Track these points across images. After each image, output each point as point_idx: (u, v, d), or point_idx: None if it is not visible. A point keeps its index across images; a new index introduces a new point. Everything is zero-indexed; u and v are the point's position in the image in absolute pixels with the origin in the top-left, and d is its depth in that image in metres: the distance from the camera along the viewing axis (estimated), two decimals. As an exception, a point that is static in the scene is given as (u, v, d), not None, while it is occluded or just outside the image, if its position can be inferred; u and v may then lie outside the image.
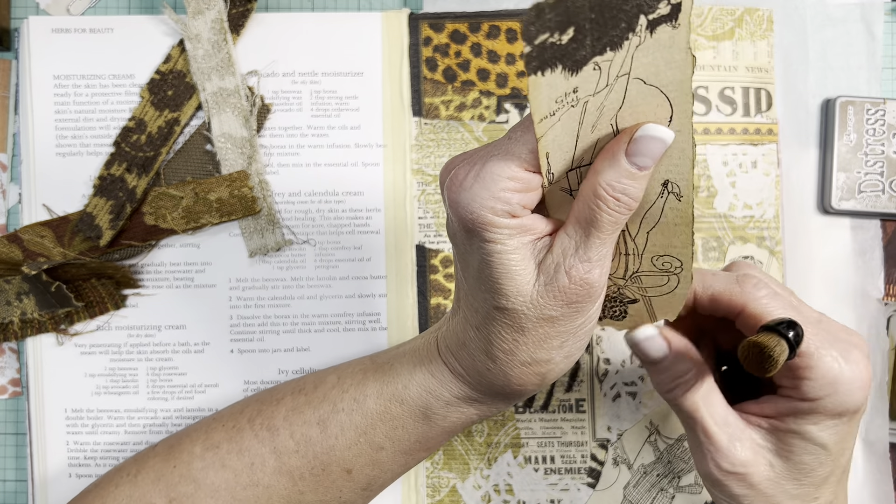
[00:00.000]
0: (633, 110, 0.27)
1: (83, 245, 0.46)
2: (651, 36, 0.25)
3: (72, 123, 0.46)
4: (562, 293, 0.30)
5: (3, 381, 0.47)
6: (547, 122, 0.27)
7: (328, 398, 0.38)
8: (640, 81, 0.27)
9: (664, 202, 0.30)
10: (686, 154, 0.28)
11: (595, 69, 0.26)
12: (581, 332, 0.32)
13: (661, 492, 0.46)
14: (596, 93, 0.27)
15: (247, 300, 0.46)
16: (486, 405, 0.36)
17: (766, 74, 0.47)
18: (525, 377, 0.33)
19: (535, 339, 0.31)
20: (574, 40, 0.24)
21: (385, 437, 0.36)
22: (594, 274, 0.30)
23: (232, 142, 0.46)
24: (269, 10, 0.48)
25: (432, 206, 0.47)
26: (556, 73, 0.25)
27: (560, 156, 0.29)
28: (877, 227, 0.47)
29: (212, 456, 0.38)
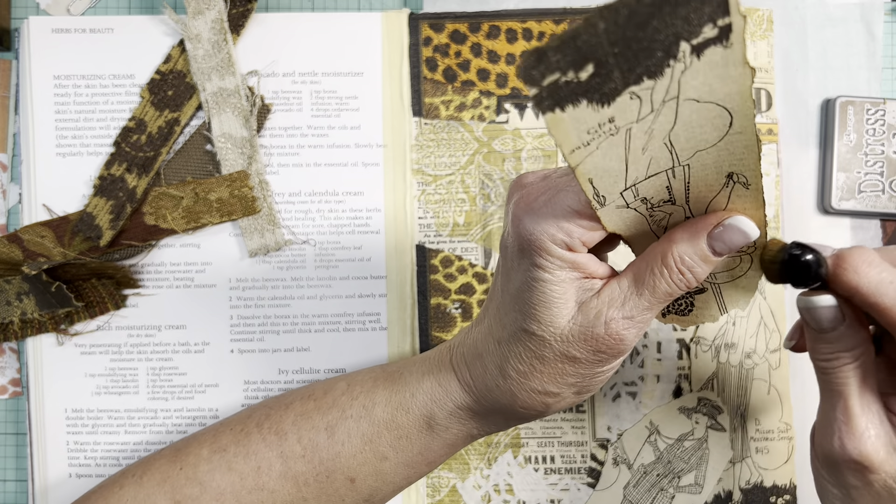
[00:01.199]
0: (688, 127, 0.27)
1: (83, 245, 0.46)
2: (699, 59, 0.24)
3: (72, 123, 0.46)
4: (593, 340, 0.30)
5: (3, 381, 0.47)
6: (581, 153, 0.26)
7: (337, 404, 0.38)
8: (693, 101, 0.26)
9: (730, 191, 0.29)
10: (751, 149, 0.27)
11: (633, 98, 0.25)
12: (597, 379, 0.32)
13: (661, 492, 0.46)
14: (640, 119, 0.26)
15: (247, 300, 0.46)
16: (487, 422, 0.36)
17: (766, 74, 0.47)
18: (531, 402, 0.33)
19: (551, 371, 0.32)
20: (596, 75, 0.24)
21: (389, 447, 0.36)
22: (630, 333, 0.30)
23: (232, 142, 0.46)
24: (269, 10, 0.48)
25: (432, 206, 0.47)
26: (581, 108, 0.24)
27: (609, 180, 0.28)
28: (877, 227, 0.47)
29: (218, 459, 0.38)
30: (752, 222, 0.30)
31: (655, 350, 0.47)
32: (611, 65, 0.23)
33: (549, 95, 0.24)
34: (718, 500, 0.46)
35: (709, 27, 0.23)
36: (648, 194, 0.30)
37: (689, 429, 0.46)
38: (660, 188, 0.29)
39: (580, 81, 0.24)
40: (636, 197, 0.30)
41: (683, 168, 0.28)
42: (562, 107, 0.24)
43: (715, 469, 0.46)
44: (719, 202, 0.30)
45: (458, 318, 0.47)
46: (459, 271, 0.47)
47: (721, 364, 0.47)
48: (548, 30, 0.47)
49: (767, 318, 0.47)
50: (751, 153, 0.28)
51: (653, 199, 0.30)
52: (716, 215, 0.30)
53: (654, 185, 0.29)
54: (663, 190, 0.30)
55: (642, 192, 0.30)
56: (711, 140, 0.27)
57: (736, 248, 0.30)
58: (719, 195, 0.29)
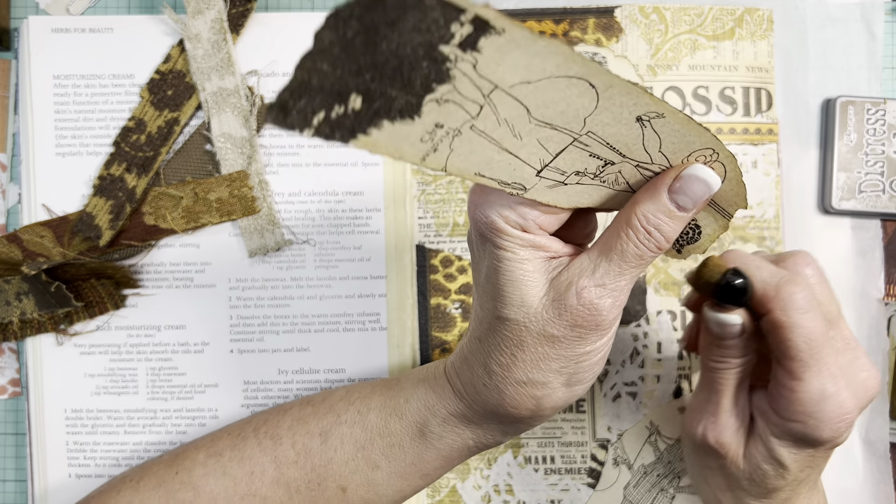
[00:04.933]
0: (552, 105, 0.26)
1: (83, 245, 0.46)
2: (480, 52, 0.23)
3: (72, 123, 0.46)
4: (567, 312, 0.30)
5: (3, 381, 0.47)
6: (435, 158, 0.26)
7: (333, 409, 0.37)
8: (525, 84, 0.25)
9: (651, 127, 0.29)
10: (635, 91, 0.27)
11: (442, 103, 0.24)
12: (584, 364, 0.32)
13: (662, 492, 0.46)
14: (477, 116, 0.25)
15: (247, 300, 0.46)
16: (481, 429, 0.35)
17: (766, 74, 0.47)
18: (519, 398, 0.32)
19: (532, 356, 0.31)
20: (372, 100, 0.23)
21: (382, 455, 0.36)
22: (605, 301, 0.30)
23: (232, 142, 0.46)
24: (269, 10, 0.48)
25: (432, 206, 0.47)
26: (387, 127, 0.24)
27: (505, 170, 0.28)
28: (877, 227, 0.47)
29: (214, 463, 0.37)
30: (710, 169, 0.30)
31: (655, 350, 0.47)
32: (377, 88, 0.23)
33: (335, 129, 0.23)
34: (718, 500, 0.46)
35: (456, 26, 0.22)
36: (577, 167, 0.29)
37: (689, 429, 0.46)
38: (584, 158, 0.29)
39: (358, 110, 0.23)
40: (564, 173, 0.29)
41: (588, 136, 0.28)
42: (362, 132, 0.23)
43: (715, 469, 0.46)
44: (651, 140, 0.29)
45: (458, 318, 0.46)
46: (459, 271, 0.47)
47: (721, 364, 0.47)
48: (548, 29, 0.47)
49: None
50: (639, 96, 0.27)
51: (588, 170, 0.29)
52: (674, 169, 0.30)
53: (573, 158, 0.29)
54: (589, 159, 0.29)
55: (567, 168, 0.29)
56: (589, 105, 0.27)
57: (701, 199, 0.30)
58: (645, 137, 0.29)
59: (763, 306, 0.33)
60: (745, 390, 0.36)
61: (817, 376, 0.32)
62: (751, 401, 0.36)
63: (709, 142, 0.30)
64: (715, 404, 0.36)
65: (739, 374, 0.35)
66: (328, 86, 0.22)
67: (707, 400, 0.37)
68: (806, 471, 0.35)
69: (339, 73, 0.22)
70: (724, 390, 0.36)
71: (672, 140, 0.29)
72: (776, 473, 0.35)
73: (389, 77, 0.23)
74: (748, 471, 0.35)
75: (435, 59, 0.23)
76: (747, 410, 0.36)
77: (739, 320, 0.34)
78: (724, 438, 0.36)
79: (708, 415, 0.36)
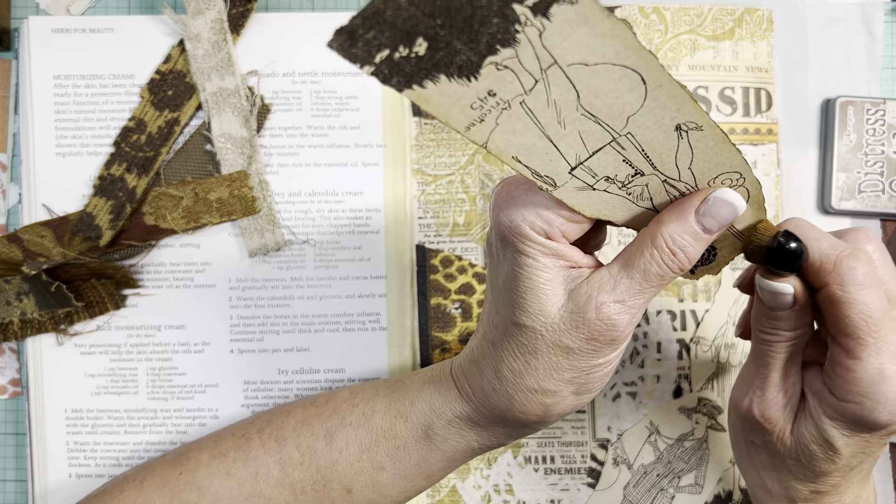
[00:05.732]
0: (599, 95, 0.26)
1: (83, 245, 0.46)
2: (549, 20, 0.23)
3: (72, 123, 0.46)
4: (585, 326, 0.30)
5: (3, 381, 0.47)
6: (479, 129, 0.26)
7: (338, 411, 0.37)
8: (582, 66, 0.25)
9: (687, 139, 0.29)
10: (682, 98, 0.27)
11: (501, 69, 0.25)
12: (595, 375, 0.32)
13: (661, 492, 0.46)
14: (529, 92, 0.26)
15: (247, 300, 0.46)
16: (486, 431, 0.35)
17: (766, 74, 0.47)
18: (528, 404, 0.32)
19: (545, 365, 0.31)
20: (436, 49, 0.23)
21: (387, 457, 0.36)
22: (623, 318, 0.30)
23: (232, 142, 0.46)
24: (269, 10, 0.48)
25: (432, 206, 0.47)
26: (443, 83, 0.24)
27: (541, 159, 0.28)
28: (877, 227, 0.47)
29: (218, 464, 0.37)
30: (737, 193, 0.30)
31: (655, 350, 0.47)
32: (444, 37, 0.23)
33: (394, 72, 0.23)
34: (718, 500, 0.46)
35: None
36: (609, 172, 0.29)
37: (689, 429, 0.46)
38: (617, 163, 0.29)
39: (420, 56, 0.23)
40: (595, 176, 0.29)
41: (626, 137, 0.28)
42: (418, 83, 0.24)
43: (715, 469, 0.46)
44: (684, 152, 0.29)
45: (458, 318, 0.46)
46: (459, 271, 0.47)
47: (721, 364, 0.47)
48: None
49: (767, 318, 0.47)
50: (683, 101, 0.27)
51: (618, 177, 0.29)
52: (702, 192, 0.30)
53: (607, 160, 0.29)
54: (622, 164, 0.29)
55: (599, 171, 0.29)
56: (635, 103, 0.27)
57: (726, 223, 0.30)
58: (679, 150, 0.29)
59: (820, 279, 0.32)
60: (797, 366, 0.35)
61: (876, 355, 0.31)
62: (804, 379, 0.35)
63: (738, 165, 0.30)
64: (763, 377, 0.35)
65: (791, 347, 0.34)
66: (400, 22, 0.22)
67: (755, 373, 0.35)
68: (859, 457, 0.33)
69: (412, 10, 0.22)
70: (774, 363, 0.34)
71: (704, 158, 0.29)
72: (825, 456, 0.33)
73: (458, 27, 0.23)
74: (795, 450, 0.34)
75: (506, 17, 0.23)
76: (798, 387, 0.35)
77: (791, 290, 0.32)
78: (770, 413, 0.34)
79: (755, 388, 0.35)
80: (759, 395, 0.35)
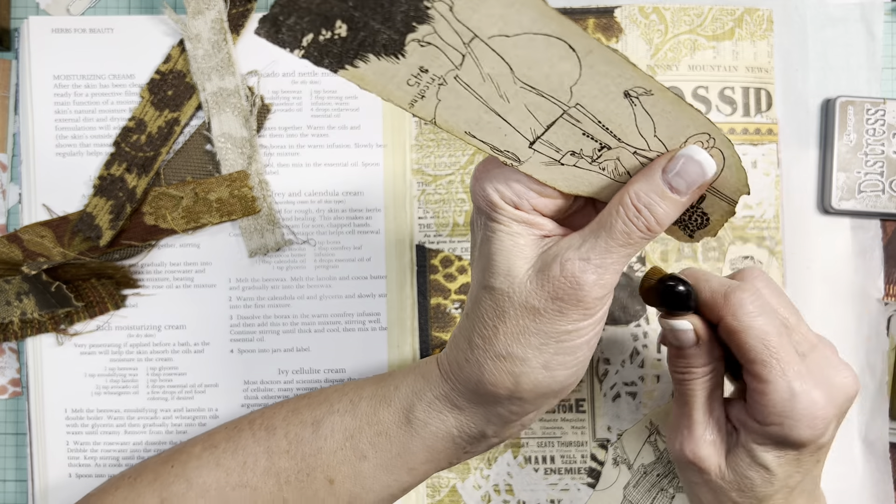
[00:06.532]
0: (533, 66, 0.26)
1: (83, 245, 0.46)
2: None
3: (72, 123, 0.46)
4: (549, 283, 0.30)
5: (3, 381, 0.47)
6: (423, 105, 0.27)
7: (328, 400, 0.38)
8: (503, 37, 0.25)
9: (641, 106, 0.28)
10: (617, 61, 0.26)
11: (423, 45, 0.25)
12: (565, 345, 0.31)
13: (661, 492, 0.46)
14: (460, 66, 0.26)
15: (247, 300, 0.46)
16: (463, 415, 0.34)
17: (766, 74, 0.47)
18: (497, 373, 0.32)
19: (513, 329, 0.31)
20: (357, 30, 0.24)
21: (369, 444, 0.36)
22: (588, 276, 0.29)
23: (232, 142, 0.46)
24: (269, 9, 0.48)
25: (432, 206, 0.47)
26: (373, 62, 0.25)
27: (496, 134, 0.28)
28: (877, 227, 0.47)
29: (208, 455, 0.37)
30: (705, 152, 0.29)
31: (655, 350, 0.47)
32: (360, 18, 0.24)
33: (323, 55, 0.24)
34: (718, 500, 0.46)
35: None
36: (571, 146, 0.29)
37: (689, 429, 0.46)
38: (577, 136, 0.29)
39: (344, 38, 0.24)
40: (559, 151, 0.29)
41: (577, 109, 0.28)
42: (349, 63, 0.25)
43: (715, 469, 0.46)
44: (643, 120, 0.29)
45: (458, 318, 0.47)
46: (459, 271, 0.47)
47: (721, 364, 0.47)
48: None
49: (767, 318, 0.47)
50: (621, 66, 0.27)
51: (584, 151, 0.29)
52: (670, 152, 0.30)
53: (565, 134, 0.29)
54: (583, 138, 0.29)
55: (561, 145, 0.29)
56: (572, 71, 0.27)
57: (696, 182, 0.30)
58: (637, 117, 0.29)
59: (715, 314, 0.34)
60: (719, 402, 0.36)
61: (782, 376, 0.33)
62: (730, 413, 0.36)
63: (703, 126, 0.29)
64: (688, 417, 0.36)
65: (707, 384, 0.36)
66: (315, 6, 0.23)
67: (680, 414, 0.37)
68: (795, 476, 0.35)
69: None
70: (695, 402, 0.36)
71: (665, 123, 0.29)
72: (763, 480, 0.35)
73: (371, 7, 0.24)
74: (735, 481, 0.35)
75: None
76: (723, 422, 0.36)
77: (690, 326, 0.35)
78: (700, 451, 0.36)
79: (682, 429, 0.37)
80: (686, 436, 0.36)
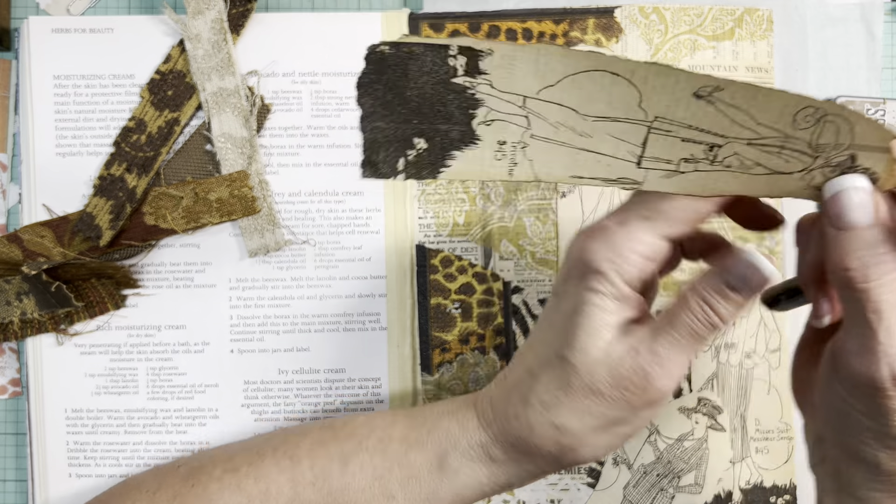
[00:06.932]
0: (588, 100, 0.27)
1: (83, 245, 0.46)
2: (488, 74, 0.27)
3: (72, 123, 0.46)
4: (617, 371, 0.30)
5: (3, 381, 0.47)
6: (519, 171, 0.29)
7: (355, 435, 0.37)
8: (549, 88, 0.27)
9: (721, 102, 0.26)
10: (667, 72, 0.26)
11: (489, 125, 0.28)
12: (620, 430, 0.31)
13: (661, 492, 0.46)
14: (529, 126, 0.28)
15: (247, 300, 0.46)
16: (498, 467, 0.34)
17: (766, 74, 0.47)
18: (545, 438, 0.32)
19: (574, 405, 0.31)
20: (432, 138, 0.28)
21: (399, 486, 0.35)
22: (655, 370, 0.30)
23: (232, 142, 0.46)
24: (269, 10, 0.48)
25: (432, 206, 0.47)
26: (460, 156, 0.28)
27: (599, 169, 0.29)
28: (877, 227, 0.47)
29: (230, 478, 0.37)
30: (764, 258, 0.28)
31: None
32: (429, 129, 0.27)
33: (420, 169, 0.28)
34: (718, 500, 0.46)
35: (452, 60, 0.27)
36: (681, 154, 0.28)
37: (689, 429, 0.46)
38: (678, 144, 0.28)
39: (427, 148, 0.28)
40: (670, 162, 0.28)
41: (659, 121, 0.28)
42: (443, 166, 0.28)
43: (715, 469, 0.46)
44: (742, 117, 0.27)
45: (457, 318, 0.46)
46: (459, 271, 0.47)
47: (721, 364, 0.47)
48: (548, 30, 0.47)
49: (767, 319, 0.47)
50: (671, 73, 0.26)
51: (696, 156, 0.28)
52: (733, 251, 0.30)
53: (664, 146, 0.28)
54: (686, 143, 0.28)
55: (669, 156, 0.28)
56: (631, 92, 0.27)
57: (757, 287, 0.29)
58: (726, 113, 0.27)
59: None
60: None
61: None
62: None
63: (800, 101, 0.26)
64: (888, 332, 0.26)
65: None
66: (392, 137, 0.27)
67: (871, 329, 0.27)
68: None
69: (392, 126, 0.27)
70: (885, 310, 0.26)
71: (759, 110, 0.27)
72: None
73: (431, 117, 0.27)
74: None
75: (456, 90, 0.27)
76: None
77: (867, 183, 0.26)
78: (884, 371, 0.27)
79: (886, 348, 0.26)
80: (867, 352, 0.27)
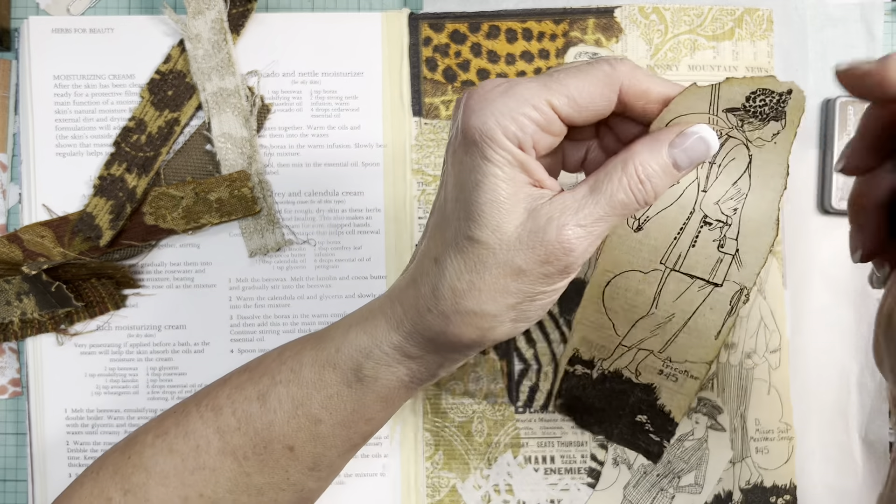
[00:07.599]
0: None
1: (83, 245, 0.46)
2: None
3: (72, 123, 0.46)
4: (542, 246, 0.29)
5: (3, 381, 0.47)
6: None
7: (268, 372, 0.37)
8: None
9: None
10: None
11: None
12: (538, 303, 0.31)
13: (661, 492, 0.46)
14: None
15: (247, 300, 0.46)
16: (416, 362, 0.34)
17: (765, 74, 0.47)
18: (465, 327, 0.31)
19: (491, 286, 0.30)
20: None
21: (321, 408, 0.35)
22: (581, 243, 0.29)
23: (232, 142, 0.46)
24: (269, 10, 0.48)
25: (432, 206, 0.47)
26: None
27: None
28: (877, 227, 0.47)
29: (161, 442, 0.37)
30: (713, 130, 0.30)
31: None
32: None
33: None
34: (718, 500, 0.46)
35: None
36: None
37: (689, 429, 0.46)
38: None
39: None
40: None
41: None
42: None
43: (715, 469, 0.46)
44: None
45: (457, 318, 0.46)
46: (459, 271, 0.47)
47: (721, 364, 0.47)
48: (548, 30, 0.47)
49: (767, 319, 0.47)
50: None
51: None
52: (678, 126, 0.30)
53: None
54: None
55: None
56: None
57: (696, 161, 0.30)
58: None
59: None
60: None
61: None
62: None
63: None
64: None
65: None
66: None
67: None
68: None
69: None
70: None
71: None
72: None
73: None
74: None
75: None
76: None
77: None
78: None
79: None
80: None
